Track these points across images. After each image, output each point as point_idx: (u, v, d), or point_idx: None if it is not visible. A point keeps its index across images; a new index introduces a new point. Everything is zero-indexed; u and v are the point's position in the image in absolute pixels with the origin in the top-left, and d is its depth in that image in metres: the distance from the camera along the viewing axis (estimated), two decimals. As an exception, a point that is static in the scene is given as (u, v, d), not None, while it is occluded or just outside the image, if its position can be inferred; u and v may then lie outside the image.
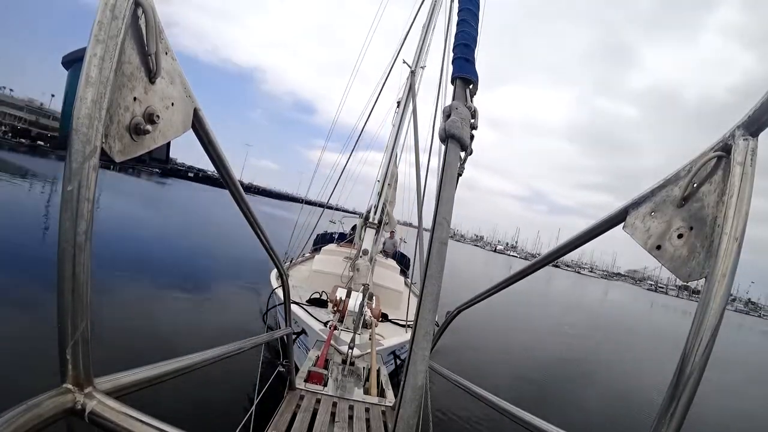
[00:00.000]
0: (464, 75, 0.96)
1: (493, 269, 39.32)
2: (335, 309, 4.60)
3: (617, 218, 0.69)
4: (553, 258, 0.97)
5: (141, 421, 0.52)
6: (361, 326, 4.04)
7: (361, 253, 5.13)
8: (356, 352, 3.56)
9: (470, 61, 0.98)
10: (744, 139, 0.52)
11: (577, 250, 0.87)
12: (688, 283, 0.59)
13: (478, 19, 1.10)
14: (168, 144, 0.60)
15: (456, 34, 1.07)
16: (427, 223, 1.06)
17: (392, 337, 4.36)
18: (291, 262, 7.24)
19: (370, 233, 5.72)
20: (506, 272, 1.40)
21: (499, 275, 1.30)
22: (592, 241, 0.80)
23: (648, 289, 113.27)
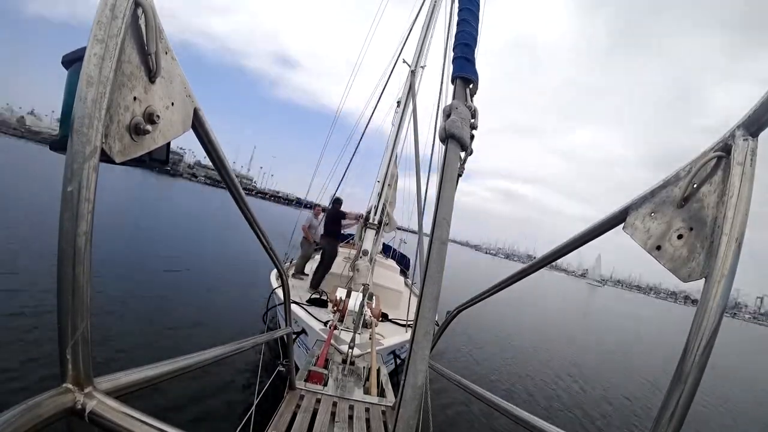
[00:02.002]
0: (464, 74, 0.95)
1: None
2: (335, 309, 4.60)
3: (617, 219, 0.69)
4: (553, 258, 0.96)
5: (141, 420, 0.52)
6: (361, 326, 4.04)
7: (361, 254, 5.13)
8: (356, 351, 3.56)
9: (470, 61, 0.98)
10: (744, 139, 0.52)
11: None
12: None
13: (478, 19, 1.10)
14: (168, 144, 0.60)
15: (456, 33, 1.07)
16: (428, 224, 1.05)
17: (392, 336, 4.36)
18: (291, 262, 7.25)
19: (370, 234, 5.72)
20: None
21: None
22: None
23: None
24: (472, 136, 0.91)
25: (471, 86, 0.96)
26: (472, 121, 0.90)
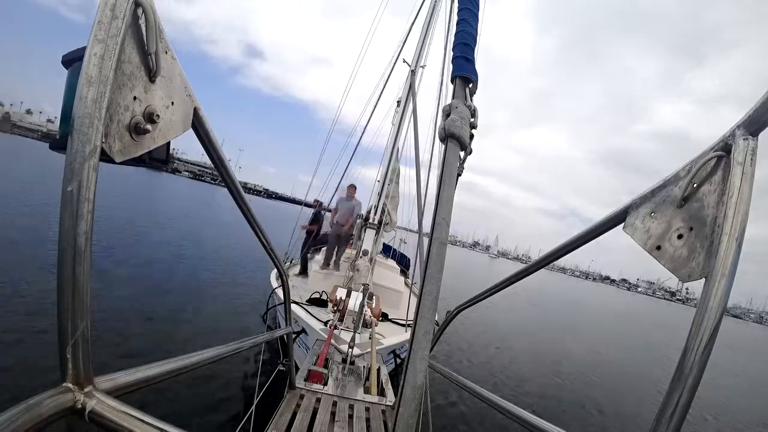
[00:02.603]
0: (464, 74, 0.95)
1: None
2: (335, 309, 4.61)
3: (617, 219, 0.69)
4: (553, 258, 0.96)
5: (141, 420, 0.52)
6: (361, 326, 4.04)
7: (361, 254, 5.14)
8: (356, 351, 3.56)
9: (470, 60, 0.98)
10: (744, 139, 0.52)
11: None
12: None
13: (477, 19, 1.10)
14: (168, 144, 0.60)
15: (456, 33, 1.07)
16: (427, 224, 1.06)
17: (392, 336, 4.36)
18: (291, 262, 7.25)
19: (370, 234, 5.72)
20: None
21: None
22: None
23: None
24: (472, 136, 0.91)
25: (470, 86, 0.95)
26: (472, 120, 0.90)
